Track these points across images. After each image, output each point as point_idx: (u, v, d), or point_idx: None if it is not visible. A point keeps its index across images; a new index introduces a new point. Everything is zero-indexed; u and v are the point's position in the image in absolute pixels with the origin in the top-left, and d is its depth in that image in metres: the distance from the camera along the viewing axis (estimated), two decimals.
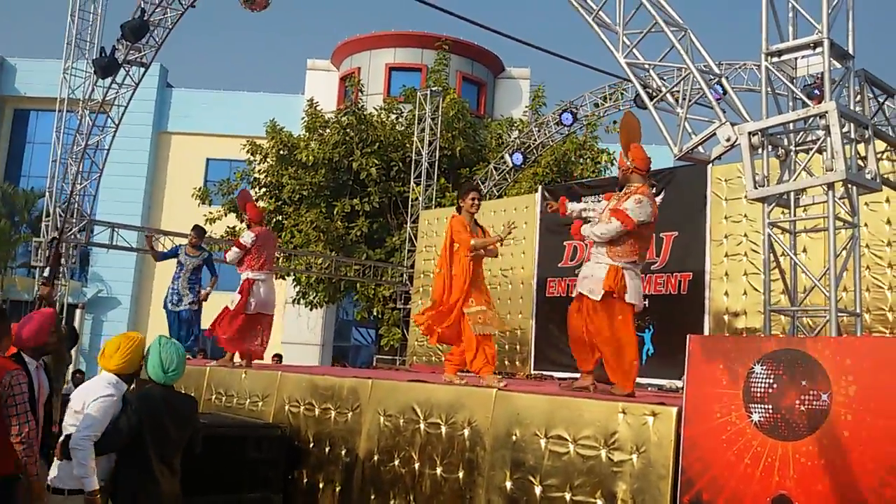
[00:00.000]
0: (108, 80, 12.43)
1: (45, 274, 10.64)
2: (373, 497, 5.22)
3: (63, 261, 11.89)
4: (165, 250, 9.48)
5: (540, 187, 11.43)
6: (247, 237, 7.69)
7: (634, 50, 5.85)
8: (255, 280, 7.61)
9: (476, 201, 6.06)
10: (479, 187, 6.23)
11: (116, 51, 11.94)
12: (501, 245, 6.08)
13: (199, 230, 9.07)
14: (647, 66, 5.82)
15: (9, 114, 28.84)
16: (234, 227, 18.38)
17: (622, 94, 14.18)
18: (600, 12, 6.02)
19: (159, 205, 26.71)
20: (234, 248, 7.73)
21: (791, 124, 4.91)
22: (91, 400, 3.95)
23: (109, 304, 25.89)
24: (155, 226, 22.53)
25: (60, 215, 12.86)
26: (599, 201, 5.69)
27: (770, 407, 3.48)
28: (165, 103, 27.67)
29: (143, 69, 12.54)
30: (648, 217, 5.04)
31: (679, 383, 8.26)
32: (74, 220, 13.01)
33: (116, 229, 14.04)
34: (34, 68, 27.17)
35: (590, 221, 5.50)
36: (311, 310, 19.05)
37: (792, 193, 4.87)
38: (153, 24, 11.77)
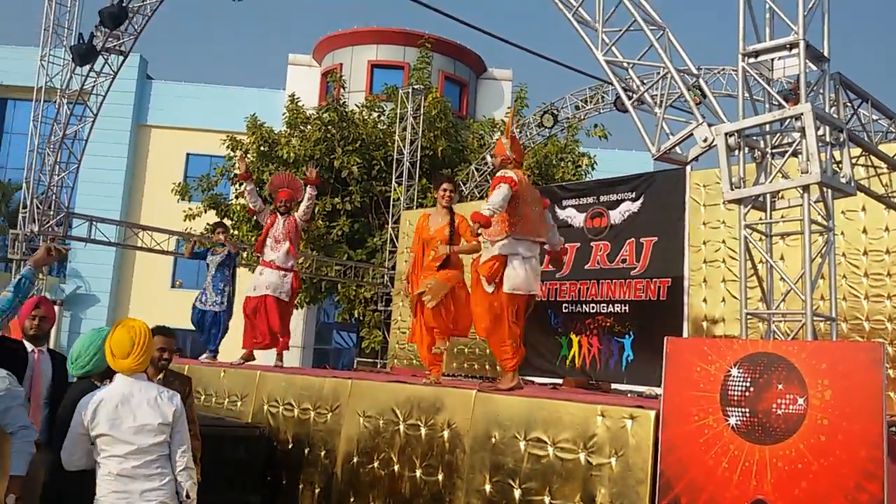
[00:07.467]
0: (87, 68, 12.25)
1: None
2: (352, 500, 5.20)
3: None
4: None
5: None
6: None
7: (613, 48, 5.85)
8: None
9: (447, 192, 5.97)
10: (451, 177, 6.23)
11: (95, 38, 11.73)
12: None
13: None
14: (625, 66, 5.83)
15: None
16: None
17: (603, 96, 14.22)
18: (580, 9, 6.02)
19: (139, 199, 26.39)
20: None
21: (767, 126, 4.93)
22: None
23: (88, 301, 25.54)
24: (134, 220, 22.27)
25: (38, 207, 12.68)
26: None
27: (747, 410, 3.51)
28: (145, 95, 27.32)
29: (121, 58, 12.33)
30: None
31: (658, 390, 8.27)
32: (52, 213, 12.85)
33: (95, 223, 13.88)
34: (10, 55, 26.35)
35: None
36: None
37: (768, 196, 4.89)
38: (132, 10, 11.59)
